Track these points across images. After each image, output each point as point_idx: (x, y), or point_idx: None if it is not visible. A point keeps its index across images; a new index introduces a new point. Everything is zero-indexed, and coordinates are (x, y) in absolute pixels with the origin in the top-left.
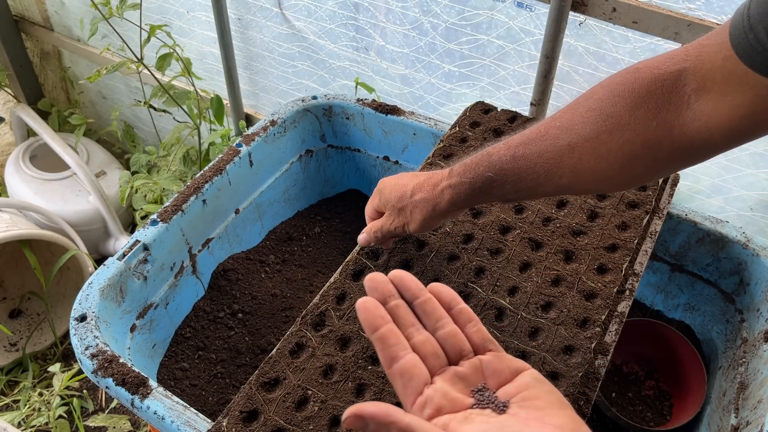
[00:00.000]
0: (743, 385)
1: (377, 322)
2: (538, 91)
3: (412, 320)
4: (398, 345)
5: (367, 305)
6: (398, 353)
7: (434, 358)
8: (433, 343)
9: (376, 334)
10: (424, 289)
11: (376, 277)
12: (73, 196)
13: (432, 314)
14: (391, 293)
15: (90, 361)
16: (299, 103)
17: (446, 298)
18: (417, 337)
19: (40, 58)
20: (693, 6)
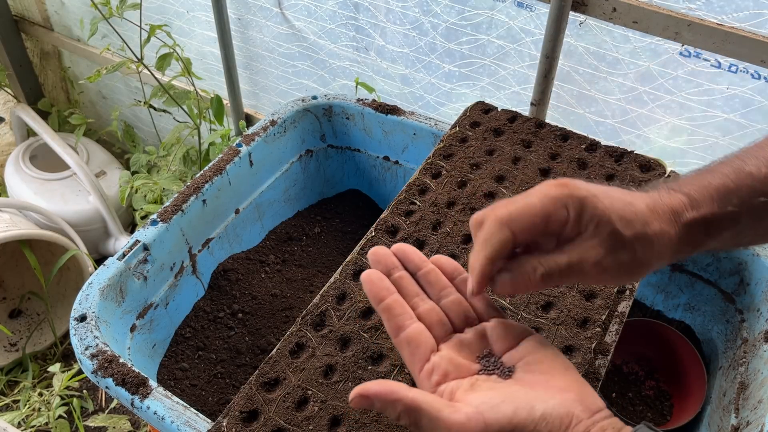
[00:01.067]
0: (743, 385)
1: (382, 294)
2: (539, 91)
3: (416, 290)
4: (404, 314)
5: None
6: (404, 322)
7: (440, 326)
8: (438, 311)
9: (381, 304)
10: (427, 261)
11: (379, 250)
12: (73, 196)
13: (436, 284)
14: (395, 265)
15: (90, 361)
16: (299, 103)
17: (449, 269)
18: (422, 306)
19: (40, 58)
20: (693, 6)
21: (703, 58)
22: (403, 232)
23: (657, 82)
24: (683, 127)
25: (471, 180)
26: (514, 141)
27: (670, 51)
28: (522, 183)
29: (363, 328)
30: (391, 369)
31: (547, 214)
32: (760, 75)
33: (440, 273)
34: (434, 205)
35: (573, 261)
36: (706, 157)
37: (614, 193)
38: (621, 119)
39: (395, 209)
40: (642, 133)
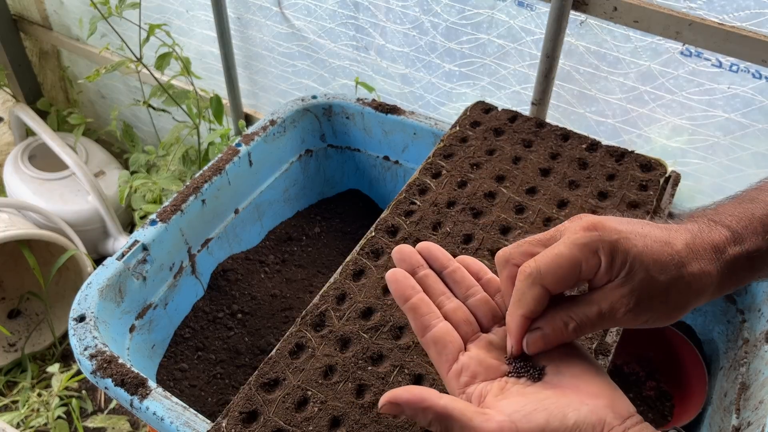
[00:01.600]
0: (744, 386)
1: (408, 292)
2: (539, 90)
3: (442, 289)
4: (430, 314)
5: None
6: (430, 322)
7: (467, 325)
8: (465, 310)
9: (407, 304)
10: (452, 259)
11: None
12: (72, 196)
13: (462, 282)
14: (420, 263)
15: (89, 362)
16: (299, 102)
17: (474, 268)
18: (448, 305)
19: (38, 58)
20: (694, 5)
21: (704, 57)
22: (403, 232)
23: (658, 82)
24: (684, 126)
25: (471, 180)
26: (514, 141)
27: (671, 50)
28: (522, 183)
29: (363, 329)
30: (391, 369)
31: (577, 263)
32: (762, 74)
33: (466, 272)
34: (434, 205)
35: (605, 310)
36: (707, 156)
37: (650, 231)
38: (622, 119)
39: (395, 209)
40: (643, 133)
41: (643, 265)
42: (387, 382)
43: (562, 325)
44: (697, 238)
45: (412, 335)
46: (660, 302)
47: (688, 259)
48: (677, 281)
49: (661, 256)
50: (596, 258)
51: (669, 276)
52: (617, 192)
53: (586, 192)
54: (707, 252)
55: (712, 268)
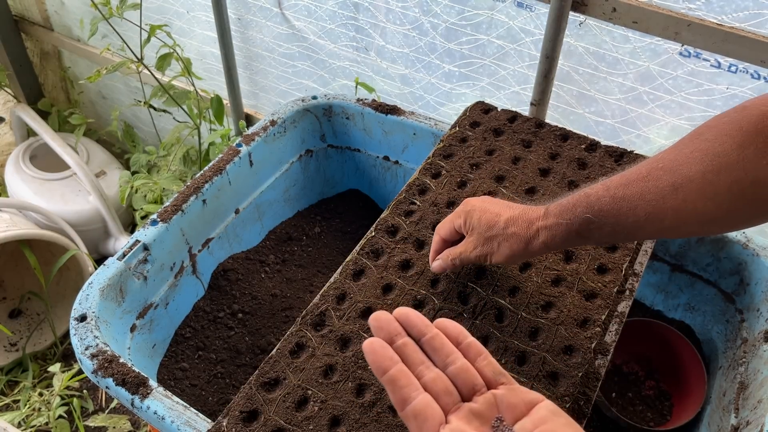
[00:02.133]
0: (743, 385)
1: (386, 364)
2: (539, 91)
3: (421, 358)
4: (409, 386)
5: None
6: (410, 394)
7: (447, 395)
8: (445, 380)
9: (386, 376)
10: (430, 325)
11: (381, 316)
12: (73, 196)
13: (441, 350)
14: (398, 332)
15: (90, 361)
16: (299, 103)
17: (453, 333)
18: (427, 375)
19: (40, 58)
20: (693, 6)
21: (703, 58)
22: (403, 232)
23: (657, 82)
24: (683, 126)
25: (471, 180)
26: (514, 141)
27: (670, 51)
28: (522, 183)
29: (363, 328)
30: None
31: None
32: (760, 75)
33: (445, 338)
34: (434, 205)
35: (461, 251)
36: None
37: (491, 207)
38: (621, 119)
39: (395, 209)
40: (642, 133)
41: (479, 226)
42: None
43: (446, 256)
44: (518, 215)
45: None
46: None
47: (506, 224)
48: (498, 235)
49: (489, 221)
50: (460, 220)
51: (492, 233)
52: None
53: None
54: (522, 222)
55: (523, 232)
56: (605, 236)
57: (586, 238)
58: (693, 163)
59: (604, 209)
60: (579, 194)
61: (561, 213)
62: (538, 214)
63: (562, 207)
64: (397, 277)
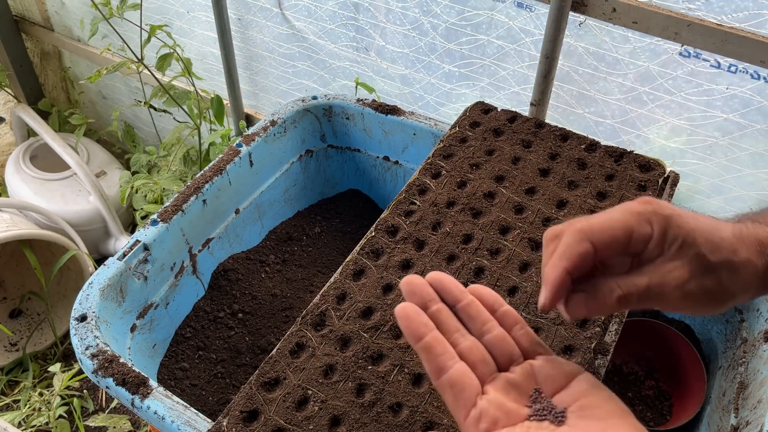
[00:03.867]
0: (743, 385)
1: (420, 330)
2: (538, 91)
3: (456, 325)
4: (445, 354)
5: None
6: (446, 363)
7: (483, 365)
8: (481, 349)
9: (420, 343)
10: (465, 291)
11: (414, 279)
12: (73, 196)
13: (477, 318)
14: (431, 297)
15: (90, 361)
16: (299, 103)
17: (489, 300)
18: (463, 343)
19: (40, 58)
20: (693, 6)
21: (703, 58)
22: (403, 232)
23: (656, 83)
24: (683, 127)
25: (471, 180)
26: (513, 141)
27: (670, 51)
28: (522, 183)
29: (363, 328)
30: (391, 368)
31: (629, 228)
32: (760, 75)
33: (480, 306)
34: (434, 205)
35: (653, 283)
36: (705, 157)
37: (700, 216)
38: (620, 119)
39: (395, 209)
40: (641, 133)
41: (695, 242)
42: (387, 381)
43: (607, 291)
44: (743, 231)
45: None
46: (711, 283)
47: (737, 246)
48: (728, 264)
49: (713, 237)
50: (648, 227)
51: (720, 257)
52: (616, 192)
53: (585, 192)
54: (753, 244)
55: (758, 260)
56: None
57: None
58: None
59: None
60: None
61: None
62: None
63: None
64: (397, 277)
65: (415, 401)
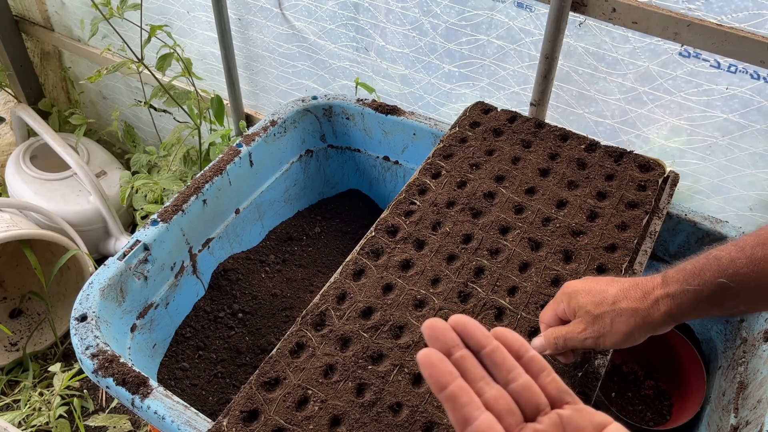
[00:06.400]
0: (743, 385)
1: (445, 379)
2: (538, 91)
3: (481, 373)
4: (471, 404)
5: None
6: (472, 414)
7: (510, 415)
8: (507, 398)
9: (445, 392)
10: (490, 336)
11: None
12: (73, 196)
13: (502, 365)
14: (455, 342)
15: (90, 361)
16: (299, 103)
17: (515, 346)
18: (489, 392)
19: (40, 59)
20: (693, 6)
21: (703, 58)
22: (403, 232)
23: (656, 83)
24: (682, 127)
25: (471, 180)
26: (513, 141)
27: (670, 51)
28: (522, 183)
29: (363, 328)
30: (391, 368)
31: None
32: (759, 75)
33: (506, 352)
34: (434, 205)
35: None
36: (705, 157)
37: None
38: (620, 119)
39: (395, 209)
40: (641, 133)
41: (585, 305)
42: (387, 381)
43: (551, 337)
44: (629, 288)
45: (412, 334)
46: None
47: (617, 298)
48: (609, 312)
49: (596, 299)
50: (562, 305)
51: (602, 310)
52: (616, 192)
53: (584, 192)
54: (635, 294)
55: (639, 304)
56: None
57: (718, 306)
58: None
59: (740, 272)
60: (705, 257)
61: (686, 279)
62: (654, 282)
63: (686, 272)
64: (397, 277)
65: (415, 401)
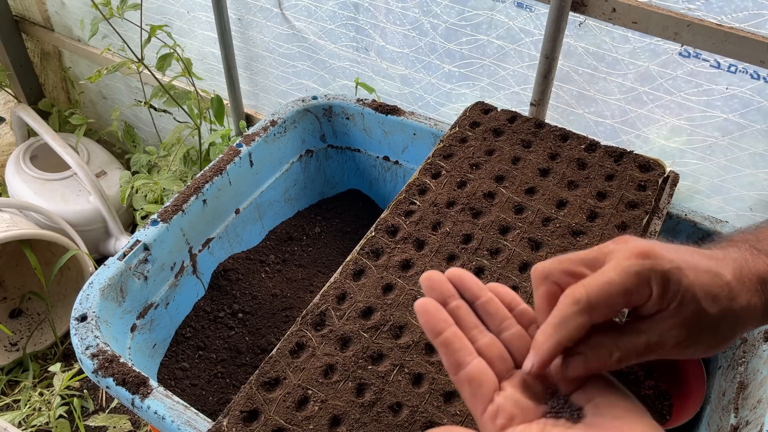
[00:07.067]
0: (743, 385)
1: (440, 326)
2: (538, 91)
3: (474, 322)
4: (463, 350)
5: (427, 307)
6: (464, 358)
7: (501, 362)
8: (499, 345)
9: (439, 338)
10: (484, 288)
11: (434, 275)
12: (73, 196)
13: (495, 315)
14: (451, 293)
15: (90, 361)
16: (299, 103)
17: (507, 299)
18: (481, 339)
19: (40, 59)
20: (693, 6)
21: (703, 58)
22: (403, 232)
23: (656, 83)
24: (682, 127)
25: (471, 180)
26: (513, 141)
27: (670, 51)
28: (522, 183)
29: (363, 328)
30: (391, 368)
31: (628, 293)
32: (760, 75)
33: (499, 303)
34: (434, 205)
35: (652, 343)
36: (705, 157)
37: (699, 261)
38: (620, 119)
39: (395, 209)
40: (641, 133)
41: (695, 297)
42: (387, 381)
43: (606, 353)
44: (743, 269)
45: (412, 334)
46: (710, 334)
47: (737, 291)
48: (727, 313)
49: (713, 288)
50: (647, 289)
51: (720, 308)
52: (616, 192)
53: (584, 192)
54: (753, 283)
55: (758, 299)
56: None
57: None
58: None
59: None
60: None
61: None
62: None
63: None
64: (397, 277)
65: (415, 401)
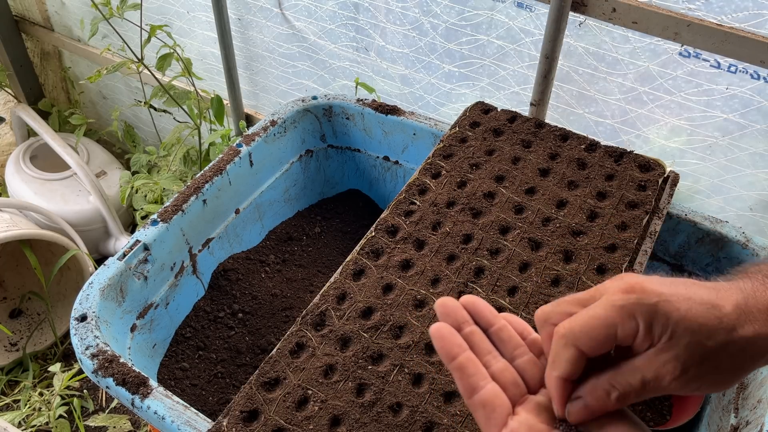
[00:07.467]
0: (743, 385)
1: (455, 350)
2: (538, 91)
3: (488, 347)
4: (478, 374)
5: (442, 332)
6: (478, 383)
7: (514, 387)
8: (512, 371)
9: (454, 362)
10: (498, 316)
11: (448, 302)
12: (73, 196)
13: (509, 342)
14: (465, 319)
15: (90, 361)
16: (299, 103)
17: (519, 327)
18: (495, 365)
19: (40, 58)
20: (693, 6)
21: (703, 58)
22: (403, 232)
23: (656, 83)
24: (683, 127)
25: (471, 180)
26: (513, 141)
27: (670, 51)
28: (522, 183)
29: (363, 328)
30: (391, 368)
31: (613, 326)
32: (760, 75)
33: (513, 330)
34: (434, 205)
35: (648, 379)
36: (705, 157)
37: (695, 292)
38: (620, 119)
39: (395, 209)
40: (641, 133)
41: (687, 329)
42: (387, 381)
43: (604, 394)
44: (750, 299)
45: (412, 334)
46: (711, 368)
47: (739, 322)
48: (728, 346)
49: (708, 320)
50: (633, 322)
51: (718, 341)
52: (616, 192)
53: (585, 192)
54: (762, 313)
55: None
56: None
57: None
58: None
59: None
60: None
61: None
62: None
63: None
64: (397, 277)
65: (415, 401)
